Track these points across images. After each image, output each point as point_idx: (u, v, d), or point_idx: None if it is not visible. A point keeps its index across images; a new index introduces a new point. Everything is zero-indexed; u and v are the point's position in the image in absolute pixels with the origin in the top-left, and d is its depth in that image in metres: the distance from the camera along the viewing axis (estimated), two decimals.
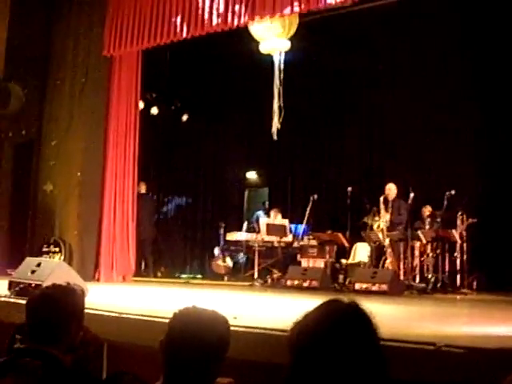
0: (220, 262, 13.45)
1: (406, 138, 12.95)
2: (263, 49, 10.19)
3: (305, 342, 1.81)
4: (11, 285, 7.05)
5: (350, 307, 1.89)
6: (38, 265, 7.13)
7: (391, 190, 11.10)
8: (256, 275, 11.68)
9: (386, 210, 11.00)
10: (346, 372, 1.76)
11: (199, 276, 14.28)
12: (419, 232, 10.60)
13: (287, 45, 10.15)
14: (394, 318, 5.74)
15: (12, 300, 6.36)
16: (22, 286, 6.71)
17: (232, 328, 2.58)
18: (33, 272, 6.94)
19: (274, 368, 3.42)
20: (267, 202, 14.51)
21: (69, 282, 3.31)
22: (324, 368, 1.76)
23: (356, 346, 1.79)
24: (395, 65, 13.11)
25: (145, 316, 5.21)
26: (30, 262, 7.50)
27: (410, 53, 12.70)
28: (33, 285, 6.48)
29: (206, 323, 2.46)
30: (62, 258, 10.71)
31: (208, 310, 2.53)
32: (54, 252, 10.95)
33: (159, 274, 13.41)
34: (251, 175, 16.48)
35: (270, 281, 11.63)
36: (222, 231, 13.61)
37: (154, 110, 14.42)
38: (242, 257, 13.75)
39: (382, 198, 11.03)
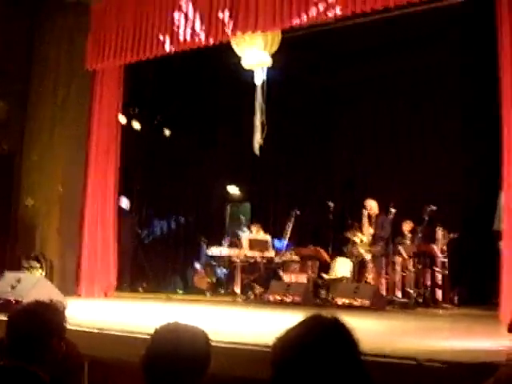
0: (202, 277, 13.39)
1: (388, 154, 13.03)
2: (245, 64, 10.21)
3: (287, 356, 1.81)
4: None
5: (332, 322, 1.89)
6: (19, 280, 7.08)
7: (372, 206, 11.13)
8: (238, 290, 11.64)
9: (370, 224, 11.02)
10: None
11: (181, 291, 14.20)
12: (400, 247, 10.62)
13: (269, 60, 10.18)
14: (377, 332, 5.75)
15: None
16: (1, 301, 6.65)
17: (214, 344, 2.57)
18: (13, 287, 6.89)
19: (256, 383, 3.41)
20: (243, 218, 14.45)
21: (51, 299, 3.28)
22: (306, 381, 1.76)
23: (338, 361, 1.79)
24: (378, 81, 13.17)
25: (126, 332, 5.19)
26: (10, 276, 7.44)
27: (394, 68, 12.76)
28: (13, 301, 6.43)
29: (185, 338, 2.44)
30: (44, 273, 10.63)
31: (188, 326, 2.52)
32: (35, 267, 10.86)
33: (140, 290, 13.33)
34: (233, 190, 16.46)
35: (252, 296, 11.59)
36: (204, 246, 13.57)
37: (137, 125, 14.37)
38: (224, 272, 13.70)
39: (365, 213, 11.06)
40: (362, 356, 1.86)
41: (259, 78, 9.59)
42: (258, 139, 9.40)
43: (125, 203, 13.12)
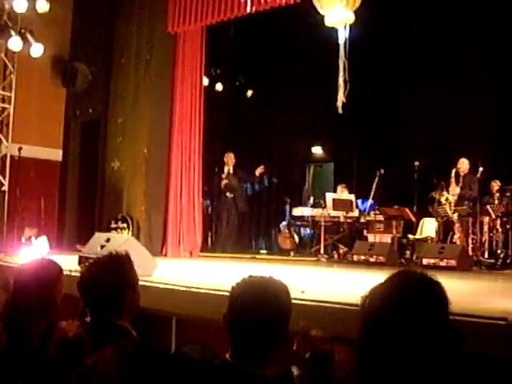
0: (286, 237, 13.45)
1: (475, 111, 12.64)
2: (328, 22, 10.04)
3: (377, 312, 1.78)
4: (81, 260, 7.21)
5: (423, 278, 1.86)
6: (107, 240, 7.25)
7: (464, 164, 10.89)
8: (322, 250, 11.64)
9: (457, 183, 10.81)
10: (419, 342, 1.73)
11: (265, 251, 14.31)
12: (488, 207, 10.39)
13: (352, 17, 9.98)
14: (463, 293, 5.64)
15: None
16: (91, 260, 6.82)
17: (300, 302, 2.58)
18: (102, 247, 7.06)
19: (341, 342, 3.40)
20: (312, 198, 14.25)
21: (125, 251, 3.28)
22: (397, 339, 1.73)
23: (427, 317, 1.76)
24: (468, 33, 12.65)
25: (212, 290, 5.25)
26: (100, 237, 7.64)
27: (481, 23, 12.25)
28: None
29: (266, 292, 2.42)
30: (130, 233, 10.86)
31: (265, 278, 2.50)
32: (122, 228, 11.12)
33: (225, 250, 13.48)
34: (316, 150, 16.39)
35: (336, 256, 11.60)
36: (287, 206, 13.60)
37: (219, 87, 14.42)
38: (308, 232, 13.72)
39: (453, 172, 10.84)
40: (451, 314, 1.82)
41: (342, 36, 9.40)
42: (340, 97, 9.24)
43: None
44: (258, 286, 2.46)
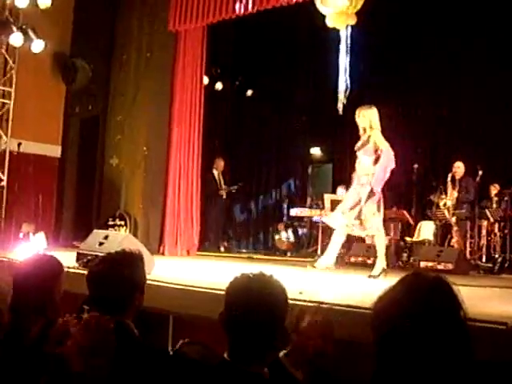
0: (283, 238, 13.44)
1: (474, 115, 12.63)
2: (329, 23, 10.04)
3: (392, 316, 1.76)
4: (79, 256, 7.20)
5: (436, 280, 1.85)
6: (106, 237, 7.24)
7: (459, 168, 10.89)
8: (319, 251, 11.63)
9: (454, 187, 10.80)
10: (437, 345, 1.71)
11: (262, 251, 14.30)
12: (487, 211, 10.39)
13: (354, 19, 9.97)
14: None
15: (80, 271, 6.47)
16: (89, 257, 6.82)
17: (298, 302, 2.57)
18: (100, 244, 7.05)
19: (336, 343, 3.40)
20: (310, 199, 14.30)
21: (137, 249, 3.25)
22: (414, 342, 1.72)
23: (441, 321, 1.75)
24: (465, 39, 12.67)
25: (209, 289, 5.24)
26: (98, 234, 7.63)
27: (485, 28, 12.23)
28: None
29: (259, 289, 2.41)
30: (127, 231, 10.85)
31: (259, 276, 2.48)
32: (120, 225, 11.11)
33: (222, 249, 13.48)
34: (315, 151, 16.38)
35: None
36: (285, 207, 13.59)
37: (219, 86, 14.42)
38: (305, 233, 13.71)
39: (449, 176, 10.84)
40: (466, 316, 1.81)
41: (343, 36, 9.40)
42: (341, 98, 9.23)
43: None
44: (254, 284, 2.44)
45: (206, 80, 12.36)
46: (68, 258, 6.82)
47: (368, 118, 7.73)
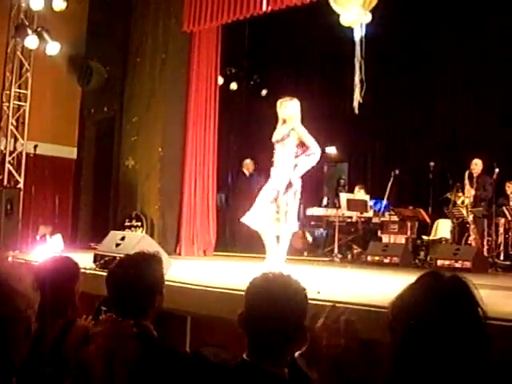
0: (299, 237, 13.40)
1: (491, 112, 12.53)
2: (343, 21, 10.00)
3: (411, 316, 1.75)
4: (96, 257, 7.22)
5: (454, 279, 1.83)
6: (123, 238, 7.26)
7: (477, 165, 10.82)
8: (336, 250, 11.60)
9: (471, 185, 10.74)
10: (457, 345, 1.70)
11: None
12: (504, 208, 10.32)
13: (368, 17, 9.93)
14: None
15: (97, 272, 6.49)
16: (106, 258, 6.85)
17: (316, 302, 2.55)
18: (117, 245, 7.07)
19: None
20: (342, 181, 14.33)
21: (157, 251, 3.23)
22: (435, 341, 1.70)
23: (460, 321, 1.73)
24: (485, 36, 12.55)
25: (227, 289, 5.23)
26: (114, 235, 7.65)
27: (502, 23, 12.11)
28: (117, 258, 6.60)
29: (280, 289, 2.39)
30: (144, 232, 10.86)
31: (279, 275, 2.46)
32: (136, 226, 11.13)
33: (238, 249, 13.45)
34: (330, 150, 16.33)
35: (350, 256, 11.56)
36: (301, 206, 13.53)
37: (234, 86, 14.41)
38: (321, 232, 13.68)
39: (466, 173, 10.78)
40: (485, 315, 1.79)
41: (358, 35, 9.35)
42: (357, 97, 9.19)
43: None
44: (274, 284, 2.42)
45: (220, 80, 12.36)
46: (85, 260, 6.84)
47: (290, 110, 7.63)
